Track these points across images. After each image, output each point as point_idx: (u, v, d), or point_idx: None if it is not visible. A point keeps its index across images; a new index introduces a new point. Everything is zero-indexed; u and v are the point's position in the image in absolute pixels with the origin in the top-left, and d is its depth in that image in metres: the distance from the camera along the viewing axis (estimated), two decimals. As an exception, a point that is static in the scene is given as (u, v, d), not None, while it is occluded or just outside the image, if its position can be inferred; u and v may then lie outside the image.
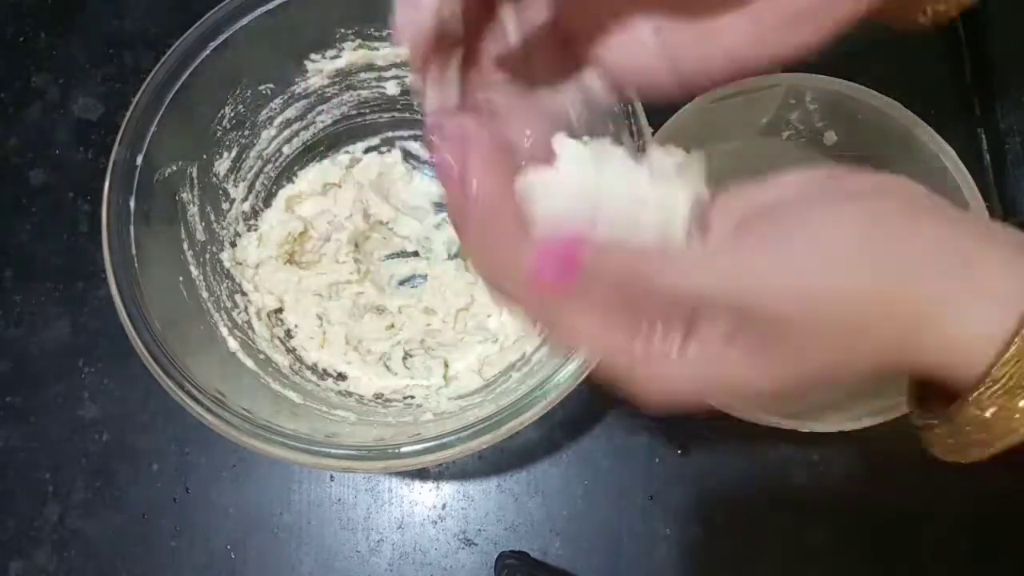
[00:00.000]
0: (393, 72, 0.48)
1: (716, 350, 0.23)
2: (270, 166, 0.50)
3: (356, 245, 0.52)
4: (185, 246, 0.44)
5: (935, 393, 0.25)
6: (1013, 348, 0.21)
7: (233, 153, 0.47)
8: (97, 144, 0.56)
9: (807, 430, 0.42)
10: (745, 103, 0.47)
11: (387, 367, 0.50)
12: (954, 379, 0.23)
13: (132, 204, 0.39)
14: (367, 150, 0.53)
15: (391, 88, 0.49)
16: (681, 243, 0.24)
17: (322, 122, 0.50)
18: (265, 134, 0.48)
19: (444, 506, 0.50)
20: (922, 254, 0.22)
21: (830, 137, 0.49)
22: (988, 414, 0.22)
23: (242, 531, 0.49)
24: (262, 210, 0.51)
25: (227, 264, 0.47)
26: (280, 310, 0.50)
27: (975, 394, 0.22)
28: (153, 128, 0.40)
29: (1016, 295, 0.21)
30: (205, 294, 0.44)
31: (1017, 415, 0.22)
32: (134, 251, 0.38)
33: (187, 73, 0.40)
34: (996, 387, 0.22)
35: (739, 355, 0.23)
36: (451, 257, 0.52)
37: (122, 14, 0.59)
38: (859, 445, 0.49)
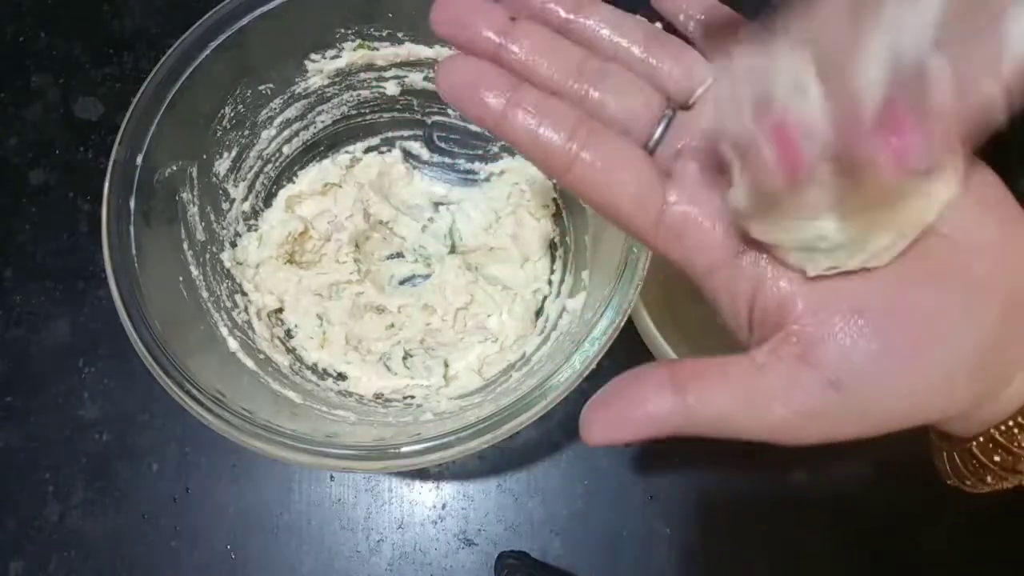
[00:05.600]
0: (393, 72, 0.48)
1: None
2: (270, 166, 0.50)
3: (356, 245, 0.52)
4: (185, 246, 0.44)
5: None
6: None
7: (233, 153, 0.47)
8: (97, 144, 0.56)
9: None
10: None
11: (387, 367, 0.50)
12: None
13: (132, 204, 0.39)
14: (367, 150, 0.53)
15: (391, 88, 0.49)
16: None
17: (322, 122, 0.50)
18: (265, 134, 0.48)
19: (444, 506, 0.50)
20: (966, 374, 0.22)
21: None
22: (986, 461, 0.25)
23: (242, 531, 0.49)
24: (262, 210, 0.51)
25: (227, 264, 0.47)
26: (280, 310, 0.50)
27: (975, 443, 0.24)
28: (153, 128, 0.40)
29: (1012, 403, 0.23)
30: (205, 294, 0.44)
31: (1013, 474, 0.24)
32: (134, 251, 0.38)
33: (187, 73, 0.40)
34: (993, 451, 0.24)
35: None
36: (451, 252, 0.52)
37: (122, 14, 0.59)
38: (859, 445, 0.49)
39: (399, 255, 0.53)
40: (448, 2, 0.25)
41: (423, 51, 0.47)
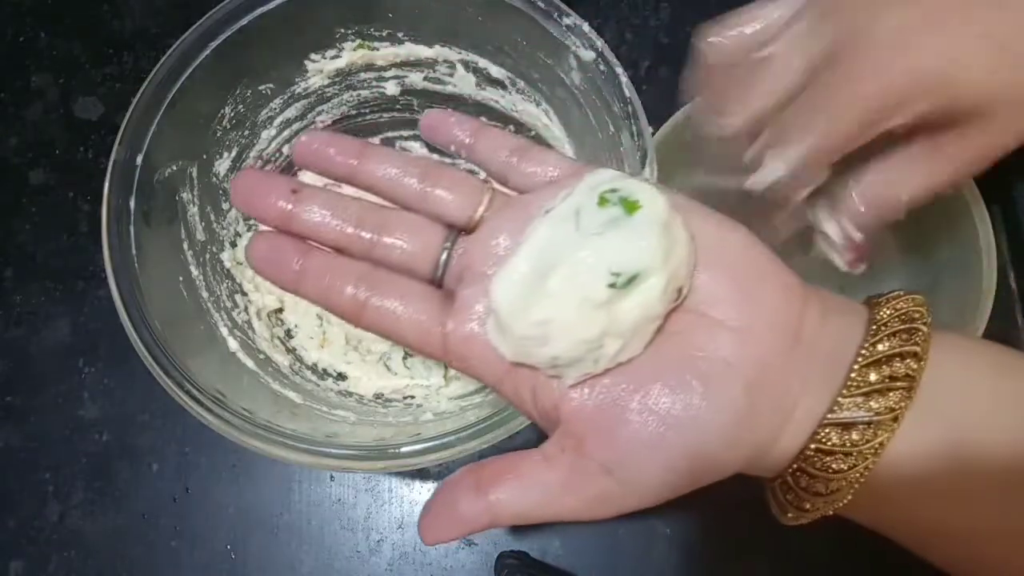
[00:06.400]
0: (393, 72, 0.48)
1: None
2: (270, 166, 0.50)
3: (356, 245, 0.52)
4: (185, 246, 0.44)
5: None
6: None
7: (233, 153, 0.47)
8: (97, 144, 0.56)
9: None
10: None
11: (387, 367, 0.50)
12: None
13: (132, 204, 0.39)
14: (367, 150, 0.53)
15: (391, 88, 0.49)
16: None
17: (322, 122, 0.50)
18: (265, 134, 0.48)
19: (444, 506, 0.50)
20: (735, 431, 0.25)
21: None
22: (783, 499, 0.27)
23: (242, 531, 0.49)
24: (262, 210, 0.51)
25: (227, 264, 0.47)
26: (280, 310, 0.50)
27: (776, 483, 0.27)
28: (153, 128, 0.40)
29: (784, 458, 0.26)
30: (205, 294, 0.44)
31: (803, 513, 0.27)
32: (134, 251, 0.38)
33: (187, 73, 0.40)
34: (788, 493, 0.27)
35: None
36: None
37: (122, 14, 0.59)
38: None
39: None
40: (240, 180, 0.29)
41: (423, 51, 0.47)
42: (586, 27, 0.39)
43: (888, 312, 0.26)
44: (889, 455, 0.25)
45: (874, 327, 0.26)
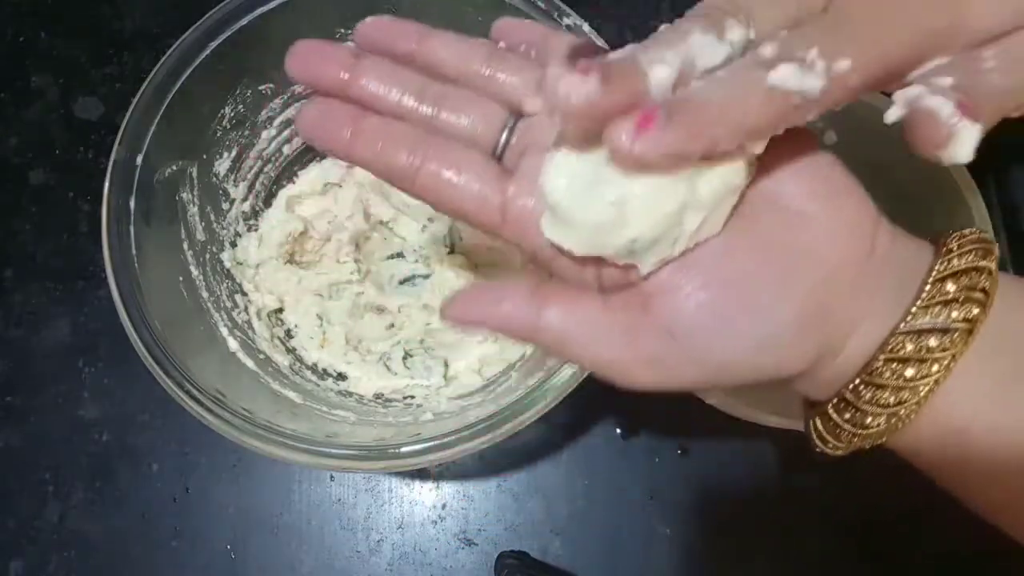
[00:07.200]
0: (393, 72, 0.48)
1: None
2: (270, 166, 0.50)
3: (357, 245, 0.52)
4: (185, 246, 0.44)
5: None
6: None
7: (233, 153, 0.47)
8: (97, 144, 0.56)
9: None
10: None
11: (387, 367, 0.50)
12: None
13: (132, 204, 0.39)
14: (367, 150, 0.53)
15: (391, 88, 0.49)
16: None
17: (322, 122, 0.50)
18: (265, 134, 0.48)
19: (444, 506, 0.50)
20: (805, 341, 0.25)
21: (830, 137, 0.49)
22: (839, 421, 0.26)
23: (242, 531, 0.49)
24: (262, 210, 0.51)
25: (227, 264, 0.47)
26: (280, 310, 0.50)
27: (830, 405, 0.26)
28: (153, 128, 0.40)
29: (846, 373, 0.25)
30: (205, 294, 0.44)
31: (862, 430, 0.26)
32: (134, 251, 0.38)
33: (187, 73, 0.40)
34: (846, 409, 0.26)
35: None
36: (451, 252, 0.52)
37: (122, 14, 0.59)
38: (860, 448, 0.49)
39: (399, 255, 0.53)
40: (300, 47, 0.27)
41: (423, 51, 0.47)
42: (586, 27, 0.39)
43: (957, 239, 0.26)
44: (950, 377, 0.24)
45: (946, 248, 0.25)
